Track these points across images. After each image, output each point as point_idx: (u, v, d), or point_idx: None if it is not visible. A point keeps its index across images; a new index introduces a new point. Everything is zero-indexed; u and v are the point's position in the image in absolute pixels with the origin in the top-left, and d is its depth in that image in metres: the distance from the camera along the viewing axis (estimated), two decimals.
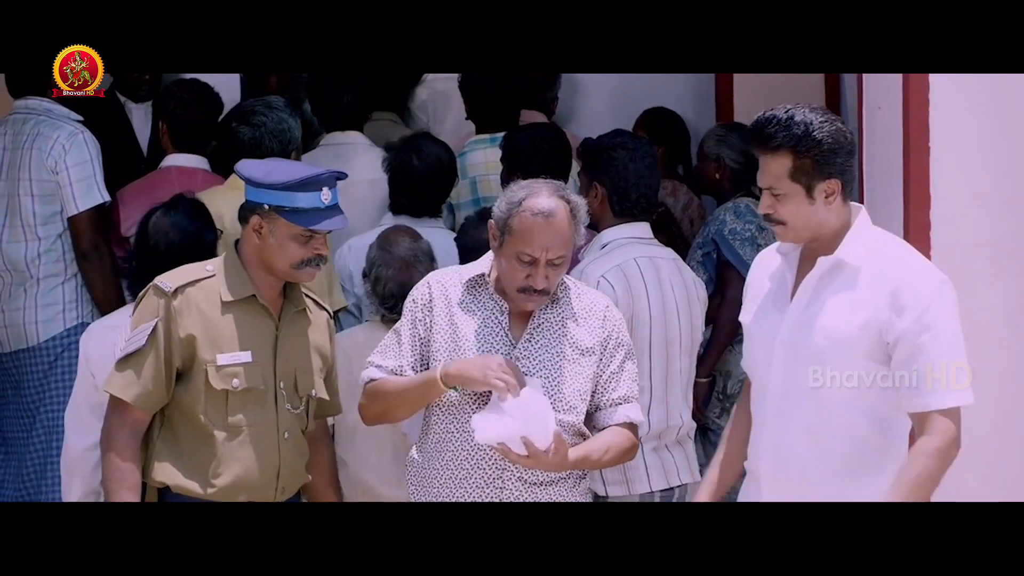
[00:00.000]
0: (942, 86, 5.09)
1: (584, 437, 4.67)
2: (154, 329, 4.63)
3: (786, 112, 4.26)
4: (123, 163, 6.79)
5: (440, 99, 7.67)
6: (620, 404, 4.69)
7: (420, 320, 4.69)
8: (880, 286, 4.25)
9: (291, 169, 4.74)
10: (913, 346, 4.20)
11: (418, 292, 4.73)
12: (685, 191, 7.21)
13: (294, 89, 7.36)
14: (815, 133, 4.23)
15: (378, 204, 6.45)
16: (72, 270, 6.43)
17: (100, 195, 6.37)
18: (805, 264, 4.36)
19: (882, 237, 4.40)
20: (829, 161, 4.24)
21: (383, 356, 4.72)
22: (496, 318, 4.65)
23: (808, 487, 4.30)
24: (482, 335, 4.63)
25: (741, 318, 4.54)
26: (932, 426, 4.21)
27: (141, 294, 4.74)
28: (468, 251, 5.38)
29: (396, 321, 5.21)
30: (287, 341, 4.77)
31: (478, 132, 6.82)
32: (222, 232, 5.23)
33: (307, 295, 4.90)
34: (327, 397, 4.92)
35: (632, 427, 4.72)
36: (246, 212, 4.72)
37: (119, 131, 7.03)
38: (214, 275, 4.71)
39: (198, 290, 4.68)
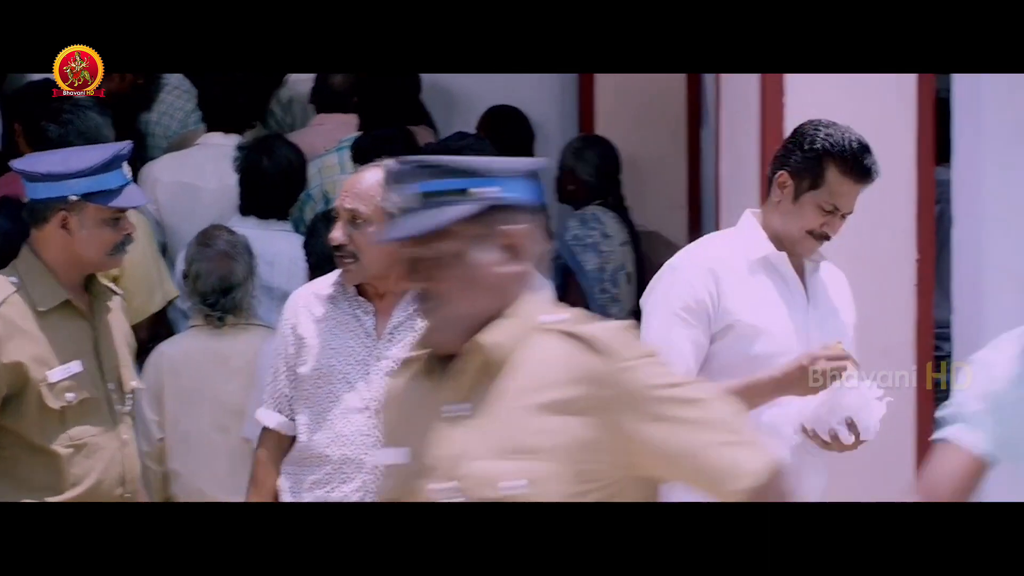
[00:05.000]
0: (797, 86, 5.16)
1: None
2: None
3: (856, 137, 4.28)
4: None
5: (304, 102, 7.58)
6: None
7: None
8: (841, 283, 4.48)
9: (88, 153, 4.53)
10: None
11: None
12: None
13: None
14: None
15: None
16: None
17: None
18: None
19: None
20: None
21: None
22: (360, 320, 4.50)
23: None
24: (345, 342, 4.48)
25: (747, 319, 4.37)
26: None
27: None
28: (319, 257, 5.22)
29: (220, 320, 5.16)
30: (104, 339, 4.57)
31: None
32: None
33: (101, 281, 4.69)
34: (143, 386, 4.80)
35: None
36: (44, 211, 4.45)
37: None
38: (19, 287, 4.43)
39: (11, 307, 4.39)
